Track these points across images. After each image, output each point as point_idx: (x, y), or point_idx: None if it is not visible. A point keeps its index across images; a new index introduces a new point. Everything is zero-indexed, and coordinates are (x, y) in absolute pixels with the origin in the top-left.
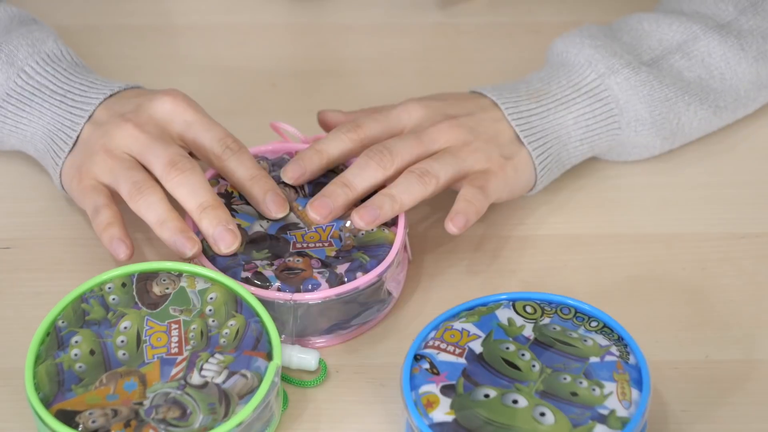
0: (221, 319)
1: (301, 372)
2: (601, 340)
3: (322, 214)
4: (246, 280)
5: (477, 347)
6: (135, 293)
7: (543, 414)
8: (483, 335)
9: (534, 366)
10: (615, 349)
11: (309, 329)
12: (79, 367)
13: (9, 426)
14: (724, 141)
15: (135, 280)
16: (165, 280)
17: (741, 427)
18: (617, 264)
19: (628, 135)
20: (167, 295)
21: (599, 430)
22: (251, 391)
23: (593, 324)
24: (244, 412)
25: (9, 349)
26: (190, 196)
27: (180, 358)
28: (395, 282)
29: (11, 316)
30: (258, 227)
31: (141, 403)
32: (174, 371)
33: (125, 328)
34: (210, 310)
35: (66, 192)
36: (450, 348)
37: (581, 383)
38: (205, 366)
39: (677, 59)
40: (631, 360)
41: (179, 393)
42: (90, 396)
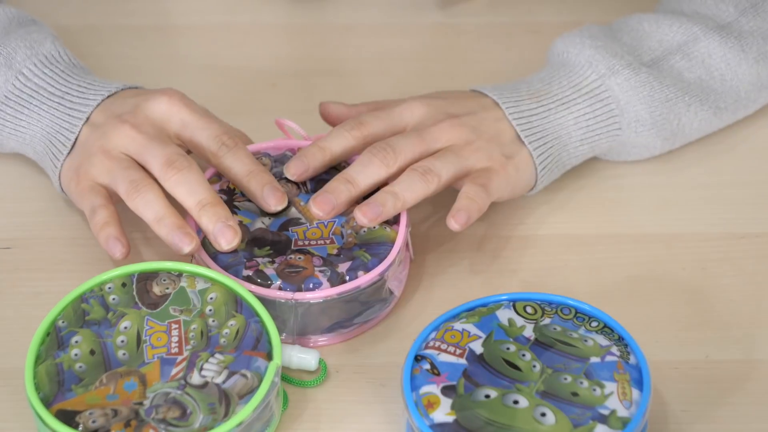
0: (221, 319)
1: (301, 372)
2: (602, 340)
3: (324, 210)
4: (248, 278)
5: (478, 348)
6: (135, 293)
7: (544, 414)
8: (483, 336)
9: (534, 366)
10: (615, 349)
11: (310, 328)
12: (79, 367)
13: (9, 426)
14: (724, 141)
15: (135, 280)
16: (165, 280)
17: (741, 427)
18: (617, 264)
19: (628, 136)
20: (167, 295)
21: (600, 430)
22: (251, 391)
23: (594, 324)
24: (244, 412)
25: (9, 349)
26: (188, 194)
27: (180, 358)
28: (397, 281)
29: (11, 316)
30: (260, 224)
31: (141, 403)
32: (174, 371)
33: (125, 328)
34: (210, 310)
35: (65, 194)
36: (451, 349)
37: (582, 383)
38: (205, 366)
39: (677, 60)
40: (632, 360)
41: (179, 393)
42: (90, 396)
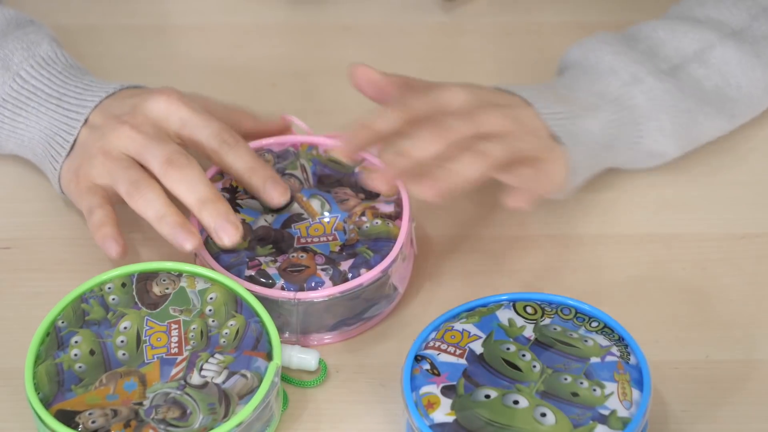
0: (221, 319)
1: (301, 372)
2: (602, 340)
3: (384, 184)
4: (250, 278)
5: (478, 348)
6: (135, 293)
7: (544, 414)
8: (483, 336)
9: (535, 366)
10: (615, 350)
11: (314, 326)
12: (79, 367)
13: (9, 426)
14: (724, 141)
15: (135, 280)
16: (165, 280)
17: (741, 427)
18: (617, 264)
19: (647, 144)
20: (167, 295)
21: (600, 430)
22: (251, 391)
23: (594, 324)
24: (244, 412)
25: (9, 349)
26: (189, 191)
27: (180, 358)
28: (401, 276)
29: (11, 316)
30: (263, 221)
31: (141, 403)
32: (174, 371)
33: (125, 328)
34: (210, 310)
35: (65, 195)
36: (451, 349)
37: (582, 384)
38: (205, 366)
39: (695, 68)
40: (632, 360)
41: (179, 393)
42: (90, 396)
